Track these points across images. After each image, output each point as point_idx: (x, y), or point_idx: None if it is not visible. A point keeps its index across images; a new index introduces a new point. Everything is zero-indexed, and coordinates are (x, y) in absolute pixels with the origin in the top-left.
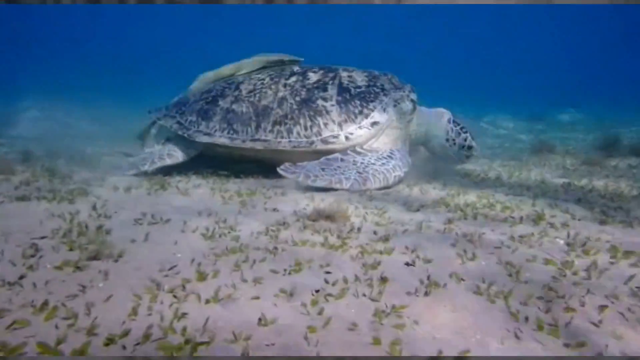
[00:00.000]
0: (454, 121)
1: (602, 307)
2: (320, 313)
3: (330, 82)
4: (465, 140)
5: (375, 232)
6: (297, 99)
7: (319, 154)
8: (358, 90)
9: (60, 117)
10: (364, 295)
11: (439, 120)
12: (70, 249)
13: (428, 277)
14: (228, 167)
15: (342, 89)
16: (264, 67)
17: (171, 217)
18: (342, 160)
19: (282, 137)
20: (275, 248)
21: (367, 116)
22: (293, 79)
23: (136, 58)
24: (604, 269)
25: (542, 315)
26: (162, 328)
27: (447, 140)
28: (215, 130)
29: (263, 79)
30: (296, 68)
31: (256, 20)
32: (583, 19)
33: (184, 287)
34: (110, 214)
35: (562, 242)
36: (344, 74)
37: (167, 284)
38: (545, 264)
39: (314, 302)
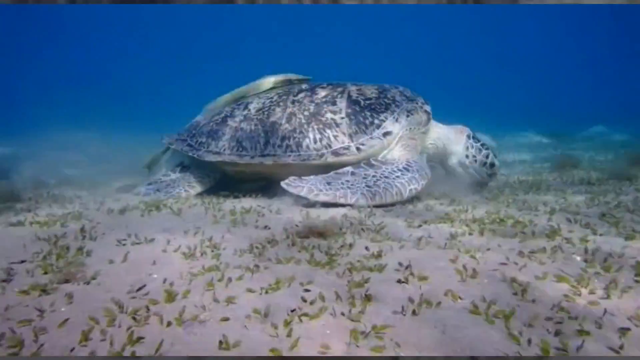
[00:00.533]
0: (474, 137)
1: (624, 331)
2: (289, 335)
3: (339, 95)
4: (487, 157)
5: (367, 248)
6: (306, 113)
7: (330, 167)
8: (368, 102)
9: (78, 142)
10: (343, 314)
11: (457, 137)
12: (45, 272)
13: (420, 296)
14: (231, 187)
15: (352, 102)
16: (272, 88)
17: (156, 237)
18: (352, 174)
19: (291, 151)
20: (257, 266)
21: (378, 126)
22: (301, 95)
23: (156, 84)
24: (626, 288)
25: (549, 338)
26: (110, 353)
27: (467, 157)
28: (225, 149)
29: (271, 97)
30: (304, 85)
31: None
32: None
33: (148, 309)
34: (97, 236)
35: (578, 258)
36: (353, 88)
37: (131, 306)
38: (557, 281)
39: (287, 323)
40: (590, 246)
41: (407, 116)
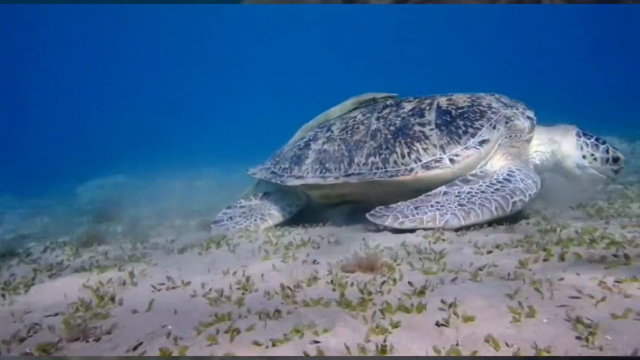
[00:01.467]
0: (584, 134)
1: None
2: None
3: (427, 107)
4: (607, 152)
5: (410, 284)
6: (392, 128)
7: (421, 183)
8: (460, 111)
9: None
10: None
11: (565, 138)
12: (66, 327)
13: (457, 344)
14: (315, 216)
15: (442, 112)
16: (356, 108)
17: (194, 279)
18: (444, 194)
19: (377, 168)
20: (278, 311)
21: (473, 135)
22: (386, 110)
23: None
24: None
25: None
26: None
27: (584, 157)
28: (307, 172)
29: (355, 117)
30: (390, 102)
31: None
32: None
33: None
34: (139, 281)
35: None
36: (442, 99)
37: None
38: None
39: None
40: None
41: (506, 123)
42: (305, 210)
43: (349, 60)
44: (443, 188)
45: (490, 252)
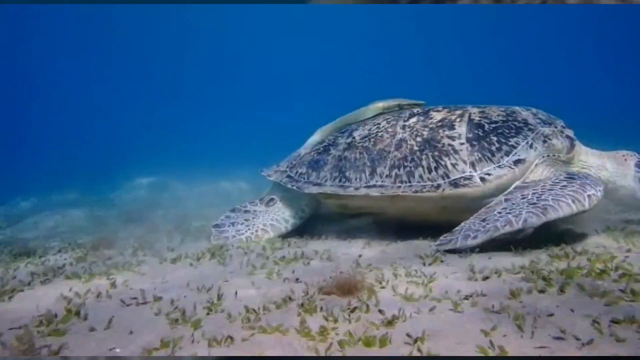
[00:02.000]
0: None
1: None
2: None
3: (458, 119)
4: None
5: (381, 312)
6: (419, 139)
7: (447, 200)
8: (494, 125)
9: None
10: None
11: (621, 167)
12: (19, 345)
13: None
14: (332, 224)
15: (474, 126)
16: (380, 114)
17: (165, 296)
18: (506, 200)
19: (401, 182)
20: (231, 338)
21: (508, 153)
22: (413, 119)
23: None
24: None
25: None
26: None
27: None
28: (326, 180)
29: (379, 123)
30: (417, 110)
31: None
32: None
33: None
34: (116, 294)
35: None
36: (474, 110)
37: None
38: None
39: None
40: None
41: (544, 142)
42: (317, 218)
43: (364, 62)
44: (501, 197)
45: (486, 278)
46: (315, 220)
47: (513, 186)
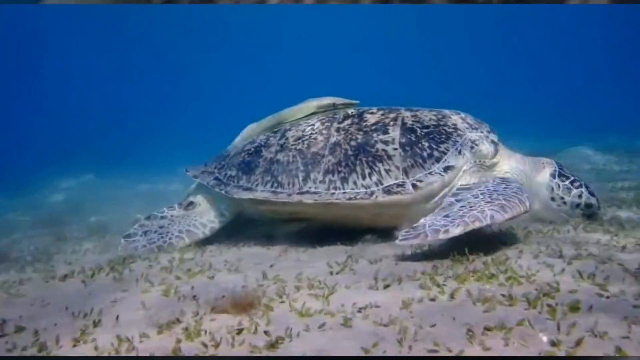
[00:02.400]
0: (560, 174)
1: None
2: None
3: (392, 123)
4: (580, 196)
5: (267, 333)
6: (353, 143)
7: (380, 207)
8: (425, 130)
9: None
10: None
11: (538, 175)
12: None
13: None
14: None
15: (406, 130)
16: (314, 113)
17: (31, 326)
18: (458, 201)
19: (335, 189)
20: None
21: (438, 160)
22: (347, 122)
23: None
24: None
25: None
26: None
27: (554, 199)
28: (257, 184)
29: (313, 124)
30: (351, 111)
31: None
32: None
33: None
34: None
35: (545, 338)
36: (408, 114)
37: None
38: None
39: None
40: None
41: (472, 147)
42: (247, 220)
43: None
44: (450, 199)
45: (387, 286)
46: (243, 224)
47: (442, 193)
